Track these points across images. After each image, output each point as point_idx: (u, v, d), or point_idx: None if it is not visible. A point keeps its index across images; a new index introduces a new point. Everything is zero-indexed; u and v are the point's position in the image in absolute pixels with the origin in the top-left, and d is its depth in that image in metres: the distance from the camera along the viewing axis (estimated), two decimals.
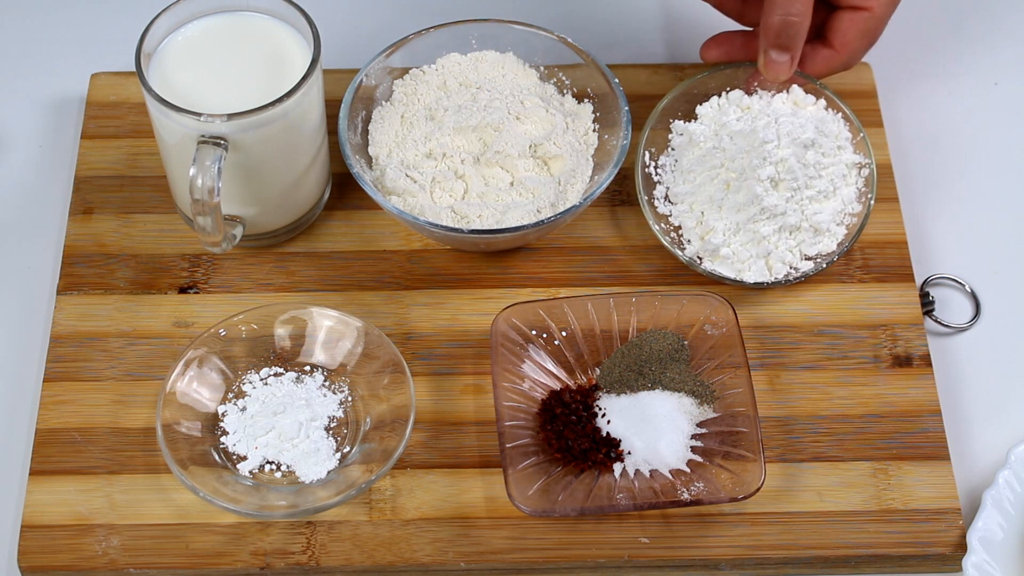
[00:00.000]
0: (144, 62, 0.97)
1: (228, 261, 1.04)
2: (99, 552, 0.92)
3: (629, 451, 0.94)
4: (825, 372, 0.99)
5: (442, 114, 1.03)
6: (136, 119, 1.09)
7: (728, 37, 1.06)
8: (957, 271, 1.05)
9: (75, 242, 1.04)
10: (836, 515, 0.94)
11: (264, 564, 0.92)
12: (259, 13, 1.00)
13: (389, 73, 1.06)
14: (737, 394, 0.95)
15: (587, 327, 0.99)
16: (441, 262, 1.04)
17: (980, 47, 1.16)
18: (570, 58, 1.06)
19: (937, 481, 0.95)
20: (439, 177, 1.01)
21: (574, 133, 1.04)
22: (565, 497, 0.92)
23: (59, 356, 0.99)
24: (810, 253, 1.01)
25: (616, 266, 1.03)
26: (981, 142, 1.11)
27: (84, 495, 0.94)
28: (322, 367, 0.98)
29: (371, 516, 0.94)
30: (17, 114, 1.12)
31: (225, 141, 0.95)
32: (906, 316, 1.01)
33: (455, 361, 0.99)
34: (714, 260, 1.01)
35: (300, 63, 0.98)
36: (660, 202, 1.04)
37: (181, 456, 0.93)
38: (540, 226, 0.98)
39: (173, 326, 1.01)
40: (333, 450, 0.95)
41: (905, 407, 0.98)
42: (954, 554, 0.93)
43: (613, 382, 0.97)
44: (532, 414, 0.96)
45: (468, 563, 0.93)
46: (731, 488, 0.92)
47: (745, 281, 1.00)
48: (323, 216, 1.06)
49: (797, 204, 1.00)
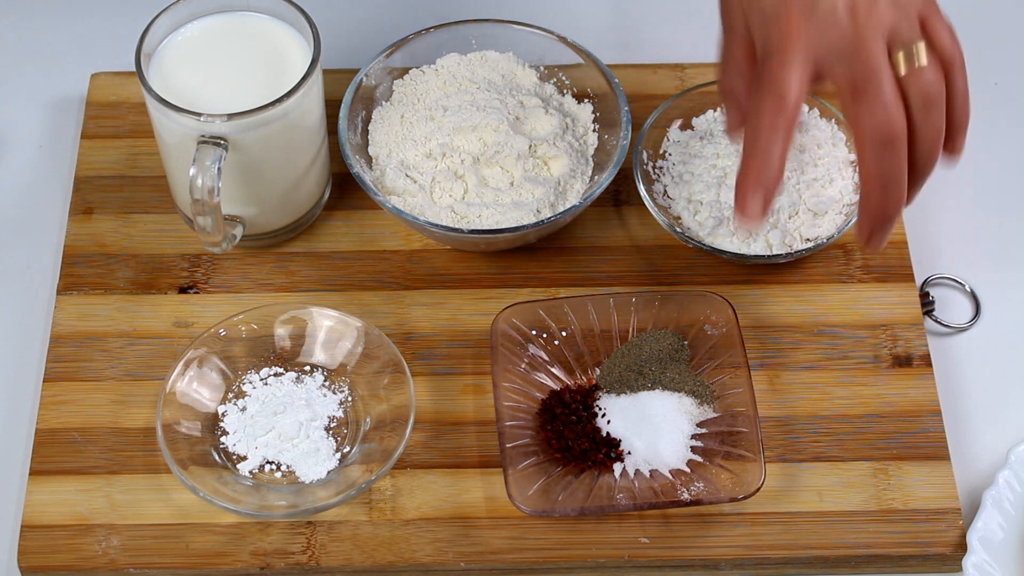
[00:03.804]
0: (144, 62, 0.97)
1: (228, 261, 1.04)
2: (99, 552, 0.92)
3: (629, 451, 0.94)
4: (825, 372, 0.99)
5: (442, 114, 1.04)
6: (136, 119, 1.09)
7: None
8: (957, 271, 1.05)
9: (75, 242, 1.04)
10: (836, 515, 0.94)
11: (264, 564, 0.92)
12: (259, 13, 1.00)
13: (389, 73, 1.06)
14: (737, 394, 0.95)
15: (587, 327, 0.99)
16: (441, 262, 1.04)
17: (980, 47, 1.16)
18: (570, 58, 1.06)
19: (937, 481, 0.95)
20: (439, 177, 1.01)
21: (574, 133, 1.04)
22: (565, 497, 0.92)
23: (59, 356, 0.99)
24: (809, 236, 1.01)
25: (616, 266, 1.03)
26: (981, 142, 1.11)
27: (84, 495, 0.94)
28: (322, 367, 0.98)
29: (371, 516, 0.94)
30: (17, 114, 1.12)
31: (225, 141, 0.95)
32: (906, 316, 1.01)
33: (455, 361, 0.99)
34: (715, 238, 1.01)
35: (300, 63, 0.98)
36: (659, 197, 1.04)
37: (181, 456, 0.93)
38: (540, 226, 0.98)
39: (173, 326, 1.01)
40: (333, 450, 0.95)
41: (905, 407, 0.98)
42: (954, 554, 0.93)
43: (613, 382, 0.97)
44: (532, 414, 0.96)
45: (468, 563, 0.93)
46: (731, 488, 0.92)
47: (746, 254, 1.00)
48: (323, 216, 1.06)
49: (794, 187, 1.01)
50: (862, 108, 0.88)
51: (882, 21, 0.88)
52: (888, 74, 0.88)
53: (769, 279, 1.03)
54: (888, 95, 0.87)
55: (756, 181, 0.89)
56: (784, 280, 1.03)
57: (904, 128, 0.88)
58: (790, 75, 0.88)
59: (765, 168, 0.89)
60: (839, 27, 0.88)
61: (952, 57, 0.89)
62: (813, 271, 1.03)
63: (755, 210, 0.90)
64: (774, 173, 0.89)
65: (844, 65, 0.88)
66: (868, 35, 0.88)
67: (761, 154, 0.89)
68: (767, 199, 0.90)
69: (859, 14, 0.88)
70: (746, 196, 0.90)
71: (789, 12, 0.89)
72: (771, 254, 1.00)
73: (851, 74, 0.88)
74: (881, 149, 0.88)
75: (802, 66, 0.88)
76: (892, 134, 0.88)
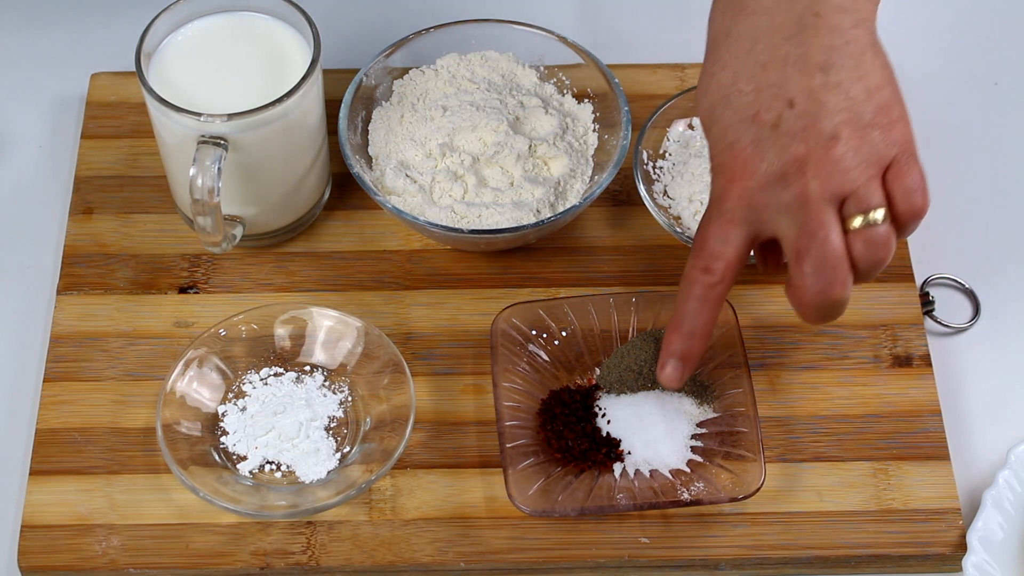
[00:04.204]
0: (144, 62, 0.97)
1: (228, 261, 1.04)
2: (99, 552, 0.92)
3: (629, 451, 0.94)
4: (825, 372, 0.99)
5: (442, 114, 1.03)
6: (136, 119, 1.09)
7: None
8: (957, 271, 1.05)
9: (75, 242, 1.04)
10: (836, 515, 0.94)
11: (264, 564, 0.92)
12: (259, 13, 1.00)
13: (389, 73, 1.06)
14: (737, 394, 0.95)
15: (587, 327, 0.99)
16: (441, 262, 1.04)
17: (980, 47, 1.16)
18: (570, 58, 1.06)
19: (937, 481, 0.95)
20: (439, 177, 1.01)
21: (574, 133, 1.04)
22: (565, 497, 0.92)
23: (59, 356, 0.99)
24: None
25: (616, 266, 1.03)
26: (981, 142, 1.11)
27: (84, 495, 0.94)
28: (322, 367, 0.98)
29: (371, 516, 0.94)
30: (17, 114, 1.12)
31: (225, 141, 0.95)
32: (906, 316, 1.01)
33: (455, 361, 0.99)
34: None
35: (300, 63, 0.98)
36: (659, 197, 1.04)
37: (181, 456, 0.93)
38: (540, 226, 0.98)
39: (173, 326, 1.01)
40: (333, 450, 0.95)
41: (905, 407, 0.98)
42: (954, 554, 0.93)
43: (613, 382, 0.97)
44: (532, 414, 0.96)
45: (468, 563, 0.93)
46: (731, 488, 0.92)
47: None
48: (323, 216, 1.06)
49: None
50: (804, 267, 0.83)
51: (839, 185, 0.82)
52: (836, 234, 0.82)
53: (769, 279, 1.02)
54: (833, 258, 0.82)
55: (672, 350, 0.89)
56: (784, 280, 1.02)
57: (847, 284, 0.83)
58: (719, 237, 0.85)
59: (686, 339, 0.88)
60: (788, 188, 0.82)
61: (917, 214, 0.83)
62: None
63: (672, 378, 0.89)
64: (696, 344, 0.88)
65: (788, 223, 0.83)
66: (816, 200, 0.82)
67: (684, 323, 0.87)
68: (686, 369, 0.89)
69: (808, 174, 0.82)
70: (665, 363, 0.89)
71: (733, 163, 0.84)
72: None
73: (796, 234, 0.83)
74: (821, 300, 0.84)
75: (738, 227, 0.84)
76: (833, 297, 0.83)
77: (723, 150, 0.85)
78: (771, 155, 0.83)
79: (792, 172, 0.82)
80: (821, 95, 0.82)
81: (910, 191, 0.83)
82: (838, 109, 0.82)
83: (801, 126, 0.82)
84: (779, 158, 0.82)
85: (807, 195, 0.82)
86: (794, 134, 0.82)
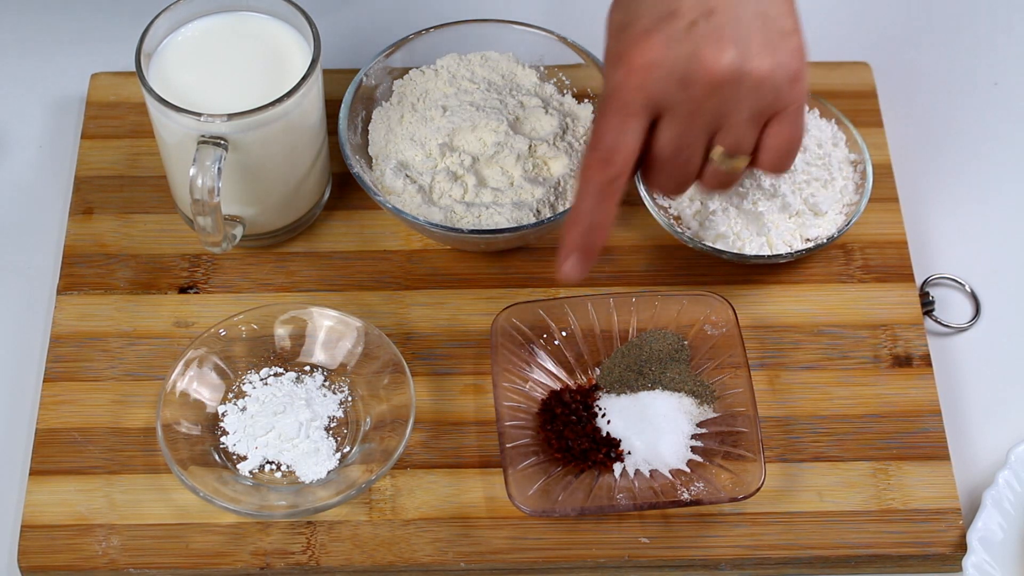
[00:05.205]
0: (144, 62, 0.97)
1: (228, 261, 1.04)
2: (99, 552, 0.92)
3: (629, 451, 0.94)
4: (825, 372, 0.99)
5: (442, 114, 1.04)
6: (136, 119, 1.09)
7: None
8: (957, 271, 1.05)
9: (75, 242, 1.04)
10: (836, 515, 0.94)
11: (264, 564, 0.92)
12: (259, 13, 1.00)
13: (389, 73, 1.06)
14: (737, 394, 0.95)
15: (587, 327, 0.99)
16: (441, 262, 1.04)
17: (980, 47, 1.16)
18: (570, 58, 1.06)
19: (937, 481, 0.95)
20: (439, 177, 1.02)
21: (574, 133, 1.04)
22: (565, 497, 0.92)
23: (59, 356, 0.99)
24: (809, 235, 1.01)
25: (616, 266, 1.03)
26: (981, 142, 1.11)
27: (84, 495, 0.94)
28: (322, 367, 0.98)
29: (371, 516, 0.94)
30: (17, 114, 1.12)
31: (225, 141, 0.95)
32: (906, 316, 1.01)
33: (455, 361, 0.99)
34: (715, 240, 1.01)
35: (300, 63, 0.98)
36: (659, 197, 1.04)
37: (181, 456, 0.93)
38: (540, 226, 0.98)
39: (173, 326, 1.01)
40: (333, 450, 0.95)
41: (905, 407, 0.98)
42: (954, 554, 0.93)
43: (613, 382, 0.97)
44: (532, 414, 0.96)
45: (468, 563, 0.93)
46: (731, 488, 0.92)
47: (746, 254, 1.00)
48: (323, 216, 1.06)
49: (795, 186, 1.01)
50: (660, 174, 0.86)
51: (725, 117, 0.84)
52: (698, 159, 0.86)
53: (769, 279, 1.03)
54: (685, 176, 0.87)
55: (573, 245, 0.88)
56: (784, 280, 1.03)
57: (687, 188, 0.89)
58: (618, 129, 0.85)
59: (587, 233, 0.87)
60: (686, 91, 0.83)
61: (778, 172, 0.87)
62: (813, 271, 1.03)
63: (573, 272, 0.89)
64: (597, 238, 0.87)
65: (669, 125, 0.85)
66: (702, 118, 0.84)
67: (584, 217, 0.87)
68: (586, 264, 0.88)
69: (708, 89, 0.83)
70: (564, 259, 0.88)
71: (637, 53, 0.84)
72: (771, 254, 1.00)
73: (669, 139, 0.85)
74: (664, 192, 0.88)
75: (636, 119, 0.85)
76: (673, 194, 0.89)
77: (629, 41, 0.84)
78: (680, 52, 0.83)
79: (697, 79, 0.83)
80: (740, 10, 0.83)
81: (782, 152, 0.86)
82: (753, 32, 0.83)
83: (716, 36, 0.83)
84: (687, 60, 0.83)
85: (699, 109, 0.83)
86: (708, 40, 0.83)
